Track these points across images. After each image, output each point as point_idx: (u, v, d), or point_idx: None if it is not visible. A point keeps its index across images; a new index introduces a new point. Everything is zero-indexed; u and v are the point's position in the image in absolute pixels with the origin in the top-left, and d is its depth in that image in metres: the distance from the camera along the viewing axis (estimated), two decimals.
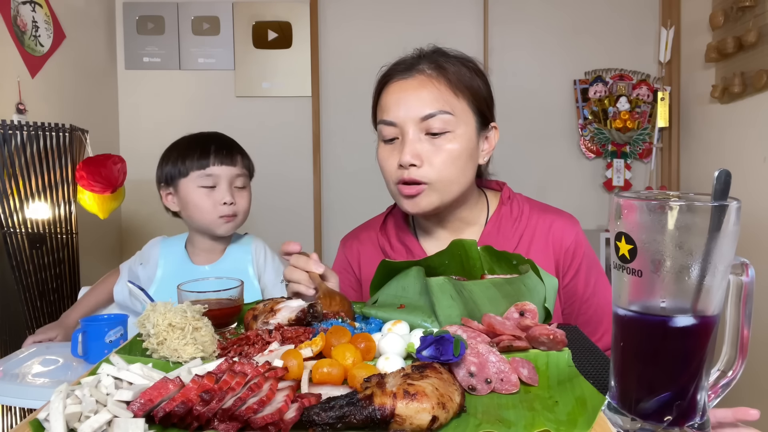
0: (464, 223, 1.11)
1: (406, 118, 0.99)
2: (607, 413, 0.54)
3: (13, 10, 1.89)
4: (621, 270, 0.51)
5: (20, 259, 1.67)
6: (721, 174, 0.48)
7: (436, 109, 0.98)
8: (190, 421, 0.50)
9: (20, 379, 1.21)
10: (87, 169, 1.73)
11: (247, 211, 1.49)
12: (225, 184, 1.43)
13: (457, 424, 0.52)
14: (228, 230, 1.47)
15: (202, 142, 1.46)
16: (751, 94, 2.01)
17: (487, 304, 0.76)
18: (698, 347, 0.50)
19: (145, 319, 0.70)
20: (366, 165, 2.72)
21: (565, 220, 1.12)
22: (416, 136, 0.99)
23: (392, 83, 1.03)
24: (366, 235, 1.19)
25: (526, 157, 2.64)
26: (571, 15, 2.65)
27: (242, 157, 1.49)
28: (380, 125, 1.03)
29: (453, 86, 1.00)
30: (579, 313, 1.10)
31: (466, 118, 1.01)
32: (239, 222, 1.48)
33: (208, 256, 1.52)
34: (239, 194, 1.46)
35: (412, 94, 0.99)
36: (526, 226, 1.10)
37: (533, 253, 1.07)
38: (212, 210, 1.42)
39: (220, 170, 1.42)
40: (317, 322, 0.76)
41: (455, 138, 0.99)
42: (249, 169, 1.51)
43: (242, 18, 2.66)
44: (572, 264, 1.09)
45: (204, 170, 1.41)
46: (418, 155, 0.98)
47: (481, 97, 1.04)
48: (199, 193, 1.42)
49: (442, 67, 1.01)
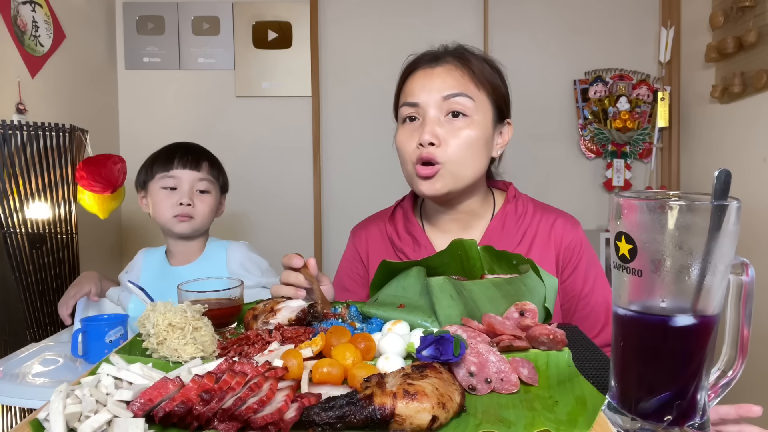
0: (472, 215, 1.14)
1: (429, 100, 1.04)
2: (607, 413, 0.54)
3: (13, 10, 1.89)
4: (621, 270, 0.51)
5: (20, 259, 1.67)
6: (721, 174, 0.48)
7: (459, 90, 1.03)
8: (190, 421, 0.50)
9: (20, 379, 1.21)
10: (87, 169, 1.73)
11: (206, 216, 1.54)
12: (186, 186, 1.50)
13: (457, 424, 0.52)
14: (183, 230, 1.52)
15: (171, 149, 1.54)
16: (751, 94, 2.01)
17: (487, 304, 0.76)
18: (698, 347, 0.50)
19: (145, 319, 0.70)
20: (366, 165, 2.72)
21: (567, 219, 1.16)
22: (437, 116, 1.04)
23: (418, 71, 1.08)
24: (374, 226, 1.23)
25: (526, 157, 2.63)
26: (571, 15, 2.65)
27: (210, 165, 1.55)
28: (402, 107, 1.08)
29: (475, 77, 1.05)
30: (577, 309, 1.12)
31: (485, 108, 1.06)
32: (197, 224, 1.53)
33: (184, 258, 1.58)
34: (200, 198, 1.52)
35: (437, 78, 1.05)
36: (529, 224, 1.13)
37: (535, 250, 1.11)
38: (169, 209, 1.50)
39: (182, 173, 1.50)
40: (317, 322, 0.76)
41: (473, 123, 1.04)
42: (217, 178, 1.57)
43: (242, 18, 2.66)
44: (571, 260, 1.12)
45: (167, 172, 1.50)
46: (437, 135, 1.02)
47: (500, 93, 1.09)
48: (161, 194, 1.51)
49: (466, 59, 1.07)
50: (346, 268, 1.25)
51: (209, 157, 1.57)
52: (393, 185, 2.14)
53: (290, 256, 0.95)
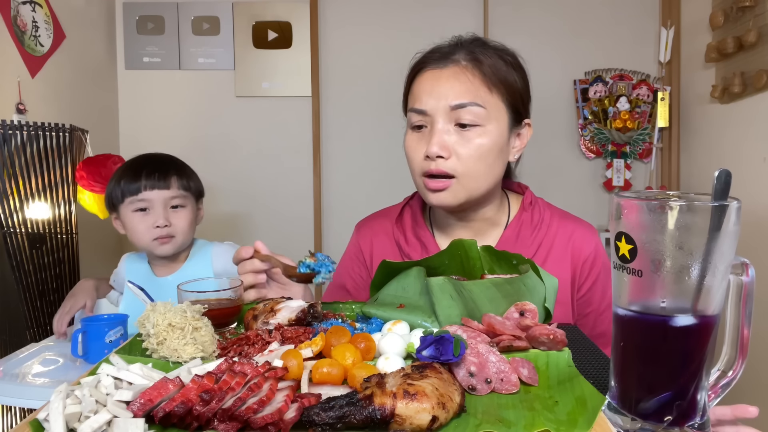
0: (486, 223, 1.08)
1: (437, 108, 0.96)
2: (607, 413, 0.54)
3: (13, 10, 1.89)
4: (621, 270, 0.51)
5: (20, 259, 1.67)
6: (721, 174, 0.47)
7: (468, 100, 0.95)
8: (190, 421, 0.50)
9: (20, 379, 1.21)
10: (87, 169, 1.73)
11: (186, 230, 1.50)
12: (159, 207, 1.45)
13: (457, 424, 0.52)
14: (166, 251, 1.49)
15: (136, 167, 1.48)
16: (751, 94, 2.01)
17: (487, 304, 0.76)
18: (698, 347, 0.50)
19: (144, 319, 0.70)
20: (366, 165, 2.72)
21: (585, 229, 1.09)
22: (445, 127, 0.96)
23: (425, 71, 1.01)
24: (380, 226, 1.17)
25: (526, 157, 2.62)
26: (571, 15, 2.65)
27: (178, 178, 1.49)
28: (410, 113, 1.01)
29: (487, 80, 0.97)
30: (594, 326, 1.07)
31: (498, 114, 0.98)
32: (178, 243, 1.49)
33: (169, 268, 1.55)
34: (175, 214, 1.48)
35: (445, 83, 0.97)
36: (545, 235, 1.07)
37: (550, 262, 1.05)
38: (146, 233, 1.45)
39: (152, 194, 1.44)
40: (317, 322, 0.76)
41: (485, 133, 0.97)
42: (188, 189, 1.51)
43: (242, 18, 2.66)
44: (590, 275, 1.06)
45: (136, 196, 1.44)
46: (446, 146, 0.96)
47: (516, 93, 1.01)
48: (134, 217, 1.46)
49: (477, 59, 0.98)
50: (348, 267, 1.20)
51: (177, 167, 1.51)
52: (393, 185, 2.14)
53: (237, 252, 0.95)
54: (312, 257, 0.86)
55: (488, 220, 1.08)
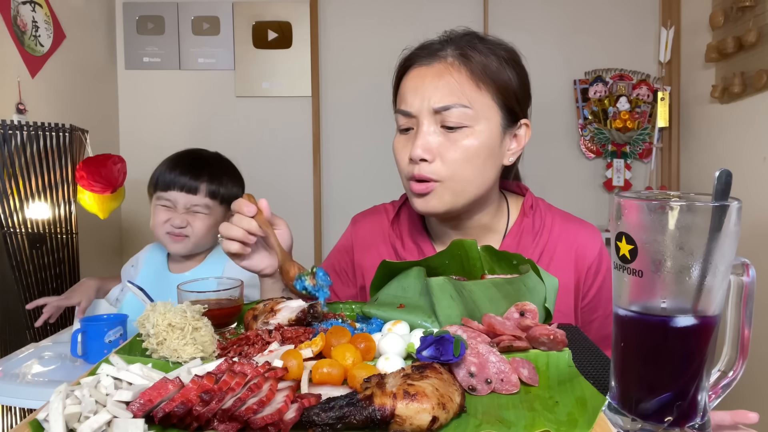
0: (483, 230, 1.03)
1: (421, 109, 0.92)
2: (608, 413, 0.54)
3: (13, 10, 1.89)
4: (621, 270, 0.51)
5: (20, 259, 1.67)
6: (721, 174, 0.47)
7: (452, 102, 0.90)
8: (190, 422, 0.50)
9: (20, 379, 1.21)
10: (87, 169, 1.73)
11: (202, 234, 1.51)
12: (181, 208, 1.49)
13: (457, 425, 0.52)
14: (176, 249, 1.52)
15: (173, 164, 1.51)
16: (751, 94, 2.01)
17: (487, 304, 0.76)
18: (699, 347, 0.50)
19: (144, 319, 0.70)
20: (366, 165, 2.72)
21: (589, 233, 1.05)
22: (429, 129, 0.92)
23: (412, 69, 0.96)
24: (377, 224, 1.13)
25: (526, 157, 2.62)
26: (571, 15, 2.65)
27: (209, 183, 1.50)
28: (397, 114, 0.98)
29: (476, 77, 0.91)
30: (600, 329, 1.05)
31: (488, 114, 0.93)
32: (191, 243, 1.51)
33: (183, 266, 1.57)
34: (194, 218, 1.50)
35: (429, 84, 0.92)
36: (547, 241, 1.02)
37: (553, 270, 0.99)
38: (162, 226, 1.49)
39: (178, 196, 1.48)
40: (317, 322, 0.76)
41: (473, 134, 0.91)
42: (216, 196, 1.52)
43: (242, 18, 2.66)
44: (594, 282, 1.03)
45: (165, 192, 1.49)
46: (430, 149, 0.91)
47: (509, 91, 0.94)
48: (158, 208, 1.51)
49: (466, 55, 0.92)
50: (335, 259, 1.15)
51: (211, 173, 1.52)
52: (393, 185, 2.14)
53: (240, 203, 0.88)
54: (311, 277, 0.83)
55: (485, 226, 1.03)
